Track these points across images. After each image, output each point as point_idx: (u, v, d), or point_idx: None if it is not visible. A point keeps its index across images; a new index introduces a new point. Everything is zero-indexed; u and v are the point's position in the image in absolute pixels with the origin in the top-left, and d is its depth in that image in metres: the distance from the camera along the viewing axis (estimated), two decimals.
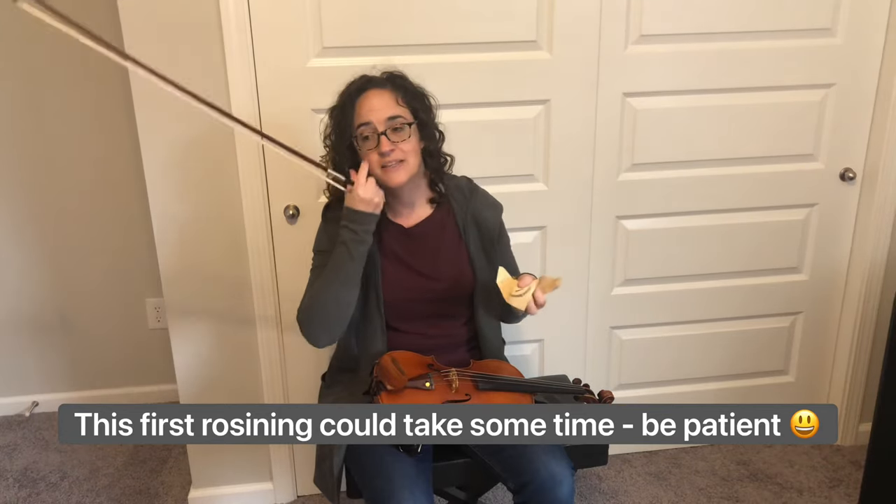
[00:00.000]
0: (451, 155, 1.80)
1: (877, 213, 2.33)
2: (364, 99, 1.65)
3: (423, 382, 1.66)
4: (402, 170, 1.65)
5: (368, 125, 1.63)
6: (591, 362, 2.42)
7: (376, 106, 1.64)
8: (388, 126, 1.63)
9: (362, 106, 1.65)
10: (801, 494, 2.36)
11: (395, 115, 1.64)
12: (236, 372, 2.22)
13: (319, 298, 1.67)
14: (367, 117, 1.63)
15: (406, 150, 1.65)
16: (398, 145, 1.63)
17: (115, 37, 2.49)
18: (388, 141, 1.62)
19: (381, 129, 1.63)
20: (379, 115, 1.63)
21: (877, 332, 2.46)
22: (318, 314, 1.67)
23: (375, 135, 1.63)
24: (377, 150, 1.63)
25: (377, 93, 1.66)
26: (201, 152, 2.02)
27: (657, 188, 2.26)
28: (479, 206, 1.81)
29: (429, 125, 1.72)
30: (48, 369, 2.87)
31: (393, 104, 1.65)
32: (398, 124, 1.64)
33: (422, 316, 1.78)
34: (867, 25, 2.20)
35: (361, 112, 1.64)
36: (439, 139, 1.75)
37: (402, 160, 1.65)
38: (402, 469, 1.59)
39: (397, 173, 1.65)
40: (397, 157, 1.64)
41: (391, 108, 1.64)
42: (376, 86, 1.67)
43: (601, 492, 2.37)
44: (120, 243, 2.76)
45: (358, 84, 1.68)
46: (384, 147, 1.62)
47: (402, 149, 1.64)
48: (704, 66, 2.16)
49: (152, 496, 2.40)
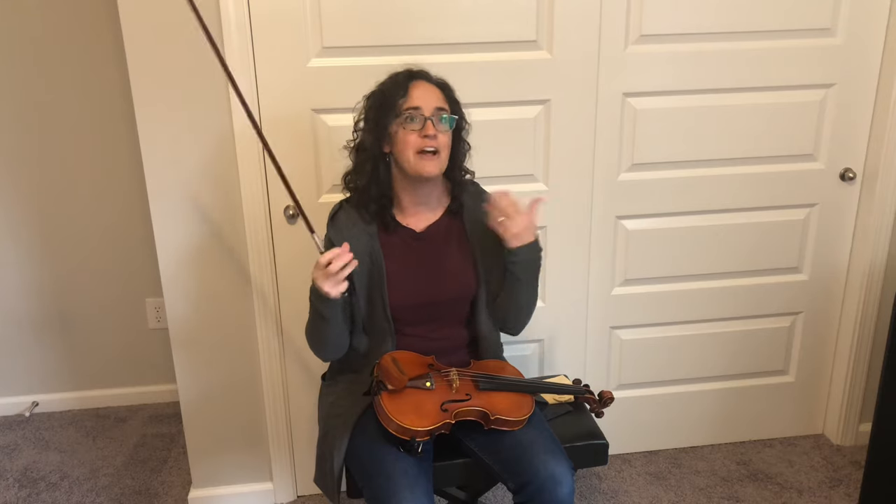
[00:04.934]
0: (473, 171, 1.85)
1: (877, 213, 2.33)
2: (416, 85, 1.70)
3: (424, 382, 1.66)
4: (436, 161, 1.69)
5: (417, 109, 1.67)
6: (591, 362, 2.42)
7: (427, 95, 1.69)
8: (435, 114, 1.68)
9: (414, 90, 1.69)
10: (801, 494, 2.36)
11: (443, 107, 1.70)
12: (236, 372, 2.22)
13: (313, 337, 1.75)
14: (417, 102, 1.68)
15: (443, 143, 1.70)
16: (439, 135, 1.68)
17: (115, 36, 2.51)
18: (433, 126, 1.67)
19: (428, 114, 1.67)
20: (429, 103, 1.68)
21: (877, 332, 2.46)
22: (316, 346, 1.77)
23: (422, 118, 1.67)
24: (421, 133, 1.67)
25: (428, 85, 1.72)
26: (202, 152, 2.02)
27: (657, 188, 2.26)
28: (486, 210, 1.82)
29: (463, 131, 1.79)
30: (48, 369, 2.87)
31: (442, 98, 1.72)
32: (444, 115, 1.70)
33: (425, 319, 1.78)
34: (867, 25, 2.20)
35: (413, 95, 1.68)
36: (467, 150, 1.82)
37: (438, 151, 1.68)
38: (402, 469, 1.59)
39: (432, 163, 1.68)
40: (436, 144, 1.68)
41: (440, 101, 1.71)
42: (427, 79, 1.73)
43: (601, 492, 2.37)
44: (120, 243, 2.76)
45: (410, 72, 1.73)
46: (430, 130, 1.66)
47: (441, 140, 1.69)
48: (704, 66, 2.16)
49: (152, 496, 2.40)
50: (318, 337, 1.73)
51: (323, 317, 1.65)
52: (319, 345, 1.76)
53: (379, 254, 1.74)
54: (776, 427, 2.62)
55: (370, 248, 1.73)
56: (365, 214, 1.75)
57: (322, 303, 1.62)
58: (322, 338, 1.72)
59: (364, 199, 1.75)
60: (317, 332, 1.72)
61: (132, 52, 1.92)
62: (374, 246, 1.74)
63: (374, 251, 1.74)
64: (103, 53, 2.55)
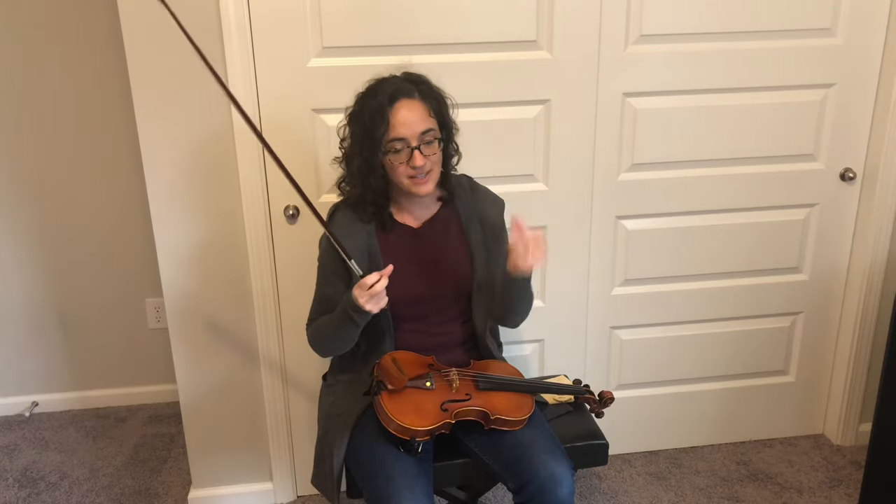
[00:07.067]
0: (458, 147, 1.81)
1: (877, 213, 2.33)
2: (396, 110, 1.63)
3: (424, 382, 1.66)
4: (430, 181, 1.67)
5: (402, 140, 1.62)
6: (591, 362, 2.42)
7: (410, 119, 1.62)
8: (420, 141, 1.63)
9: (395, 118, 1.62)
10: (801, 494, 2.36)
11: (428, 129, 1.64)
12: (236, 372, 2.22)
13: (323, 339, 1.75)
14: (401, 132, 1.62)
15: (434, 162, 1.67)
16: (428, 158, 1.64)
17: (114, 36, 2.50)
18: (422, 156, 1.63)
19: (414, 143, 1.62)
20: (413, 130, 1.62)
21: (877, 332, 2.46)
22: (322, 348, 1.77)
23: (408, 149, 1.63)
24: (409, 164, 1.63)
25: (409, 104, 1.64)
26: (202, 153, 2.02)
27: (657, 188, 2.26)
28: (483, 203, 1.82)
29: (451, 134, 1.75)
30: (48, 369, 2.87)
31: (426, 116, 1.65)
32: (430, 138, 1.65)
33: (424, 315, 1.78)
34: (867, 25, 2.20)
35: (395, 124, 1.62)
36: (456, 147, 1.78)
37: (430, 171, 1.66)
38: (402, 469, 1.59)
39: (427, 185, 1.67)
40: (426, 169, 1.65)
41: (424, 122, 1.64)
42: (406, 96, 1.64)
43: (601, 492, 2.37)
44: (120, 243, 2.76)
45: (388, 93, 1.64)
46: (418, 162, 1.62)
47: (431, 160, 1.66)
48: (705, 65, 2.16)
49: (152, 496, 2.40)
50: (337, 341, 1.73)
51: (357, 326, 1.65)
52: (332, 348, 1.76)
53: (377, 252, 1.74)
54: (776, 427, 2.62)
55: (368, 246, 1.74)
56: (363, 214, 1.75)
57: (360, 316, 1.61)
58: (342, 342, 1.72)
59: (360, 202, 1.75)
60: (340, 337, 1.70)
61: (132, 51, 1.92)
62: (373, 244, 1.74)
63: (373, 249, 1.74)
64: (103, 53, 2.55)
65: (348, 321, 1.63)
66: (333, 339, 1.73)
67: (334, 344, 1.75)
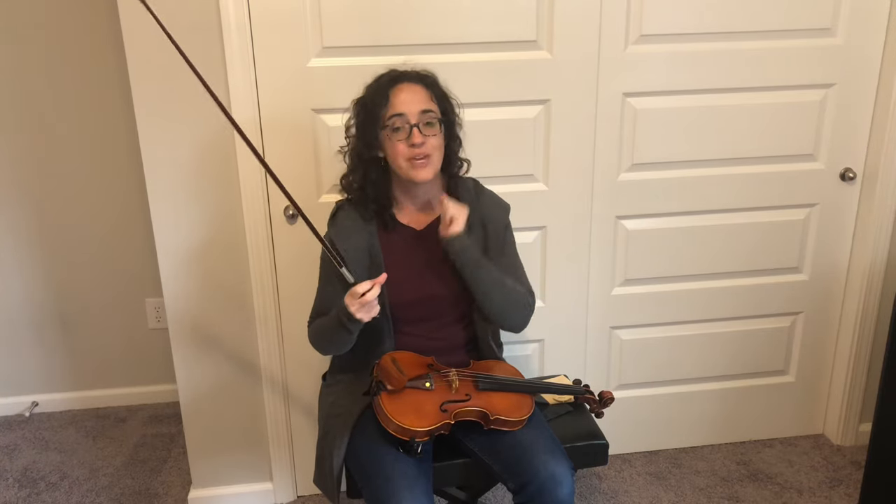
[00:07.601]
0: (468, 160, 1.83)
1: (877, 213, 2.33)
2: (398, 90, 1.66)
3: (423, 382, 1.66)
4: (429, 166, 1.67)
5: (401, 116, 1.64)
6: (591, 362, 2.42)
7: (410, 98, 1.65)
8: (420, 119, 1.64)
9: (396, 97, 1.65)
10: (801, 494, 2.36)
11: (428, 109, 1.66)
12: (236, 372, 2.22)
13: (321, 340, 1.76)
14: (400, 108, 1.64)
15: (434, 146, 1.67)
16: (428, 139, 1.65)
17: (114, 36, 2.50)
18: (420, 133, 1.63)
19: (413, 121, 1.64)
20: (413, 108, 1.64)
21: (877, 332, 2.46)
22: (321, 348, 1.78)
23: (408, 126, 1.64)
24: (408, 142, 1.64)
25: (410, 87, 1.67)
26: (202, 153, 2.02)
27: (657, 188, 2.26)
28: (488, 207, 1.82)
29: (454, 126, 1.75)
30: (48, 369, 2.87)
31: (427, 99, 1.67)
32: (430, 118, 1.66)
33: (424, 318, 1.78)
34: (867, 25, 2.20)
35: (395, 102, 1.65)
36: (460, 143, 1.78)
37: (429, 156, 1.66)
38: (402, 469, 1.59)
39: (425, 170, 1.66)
40: (426, 151, 1.65)
41: (424, 102, 1.66)
42: (409, 80, 1.68)
43: (601, 492, 2.37)
44: (120, 243, 2.76)
45: (391, 76, 1.68)
46: (416, 139, 1.63)
47: (431, 143, 1.66)
48: (705, 65, 2.16)
49: (152, 496, 2.40)
50: (332, 344, 1.74)
51: (350, 332, 1.66)
52: (330, 349, 1.77)
53: (378, 252, 1.74)
54: (776, 427, 2.62)
55: (369, 246, 1.73)
56: (365, 213, 1.75)
57: (353, 324, 1.62)
58: (338, 345, 1.74)
59: (363, 200, 1.75)
60: (334, 341, 1.72)
61: (132, 51, 1.92)
62: (374, 244, 1.74)
63: (374, 249, 1.74)
64: (103, 53, 2.55)
65: (341, 327, 1.64)
66: (330, 342, 1.74)
67: (331, 346, 1.75)
